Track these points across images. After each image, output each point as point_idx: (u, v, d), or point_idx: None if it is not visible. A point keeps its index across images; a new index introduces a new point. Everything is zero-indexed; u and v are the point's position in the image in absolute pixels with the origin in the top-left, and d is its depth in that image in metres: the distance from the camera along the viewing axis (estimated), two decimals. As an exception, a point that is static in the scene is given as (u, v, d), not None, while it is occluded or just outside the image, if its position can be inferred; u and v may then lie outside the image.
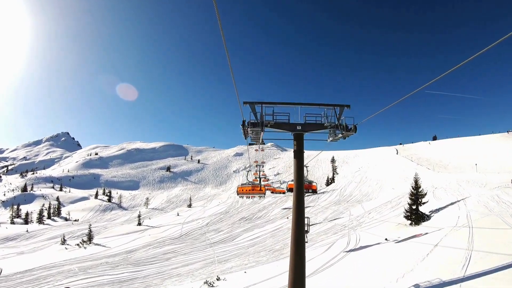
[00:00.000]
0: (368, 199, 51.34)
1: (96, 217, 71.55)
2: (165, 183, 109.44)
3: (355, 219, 34.72)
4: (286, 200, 62.48)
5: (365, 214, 35.81)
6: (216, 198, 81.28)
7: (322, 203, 53.75)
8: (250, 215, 52.11)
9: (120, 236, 46.08)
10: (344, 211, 42.08)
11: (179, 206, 75.53)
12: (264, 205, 59.19)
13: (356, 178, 65.03)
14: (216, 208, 65.31)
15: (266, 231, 38.56)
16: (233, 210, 59.46)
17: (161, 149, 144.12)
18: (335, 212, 42.13)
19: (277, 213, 50.79)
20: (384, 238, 22.48)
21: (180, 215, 60.95)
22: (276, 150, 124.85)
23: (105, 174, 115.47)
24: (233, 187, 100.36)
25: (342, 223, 34.22)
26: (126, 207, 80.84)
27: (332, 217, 39.42)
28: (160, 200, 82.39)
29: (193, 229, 46.56)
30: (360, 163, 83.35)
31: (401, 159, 68.17)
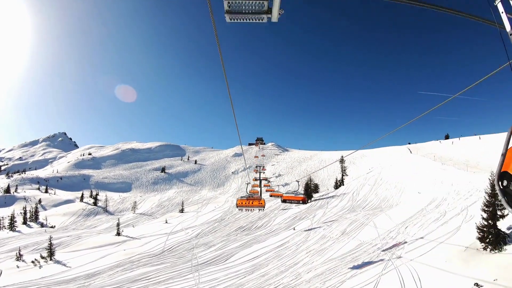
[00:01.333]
0: (388, 205, 42.32)
1: (76, 223, 62.36)
2: (159, 185, 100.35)
3: (387, 235, 25.70)
4: (289, 205, 53.39)
5: (399, 228, 26.73)
6: (213, 201, 72.15)
7: (333, 210, 44.74)
8: (249, 224, 43.00)
9: (90, 251, 36.97)
10: (365, 221, 33.01)
11: (171, 210, 66.38)
12: (265, 212, 50.12)
13: (369, 180, 55.98)
14: (211, 214, 56.16)
15: (268, 248, 29.52)
16: (229, 217, 50.33)
17: (157, 149, 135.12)
18: (354, 223, 33.06)
19: (280, 222, 41.73)
20: (470, 278, 13.49)
21: (169, 222, 51.82)
22: (277, 150, 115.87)
23: (96, 175, 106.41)
24: (232, 189, 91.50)
25: (371, 241, 25.19)
26: (113, 211, 71.64)
27: (352, 231, 30.38)
28: (151, 204, 73.22)
29: (180, 242, 37.46)
30: (369, 164, 74.38)
31: (421, 158, 59.10)
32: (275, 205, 55.11)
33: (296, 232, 34.66)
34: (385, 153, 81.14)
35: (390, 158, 70.49)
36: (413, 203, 37.29)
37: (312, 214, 43.84)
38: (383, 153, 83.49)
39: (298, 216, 43.93)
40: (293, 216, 44.31)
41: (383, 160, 71.90)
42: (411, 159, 61.06)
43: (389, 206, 41.96)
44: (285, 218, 43.81)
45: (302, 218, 42.17)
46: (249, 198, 19.10)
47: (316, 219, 39.93)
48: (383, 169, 59.26)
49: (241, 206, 18.80)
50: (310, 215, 43.20)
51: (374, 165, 71.26)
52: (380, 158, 76.91)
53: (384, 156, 76.78)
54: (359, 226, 31.70)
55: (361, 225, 31.77)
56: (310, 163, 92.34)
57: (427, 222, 26.23)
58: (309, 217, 42.34)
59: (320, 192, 62.45)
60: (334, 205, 47.90)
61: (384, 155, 78.83)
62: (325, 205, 49.28)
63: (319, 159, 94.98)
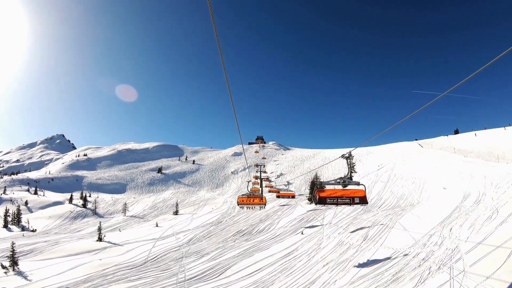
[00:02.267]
0: (409, 204, 36.19)
1: (61, 227, 56.10)
2: (155, 185, 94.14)
3: (428, 241, 19.48)
4: (294, 205, 47.25)
5: (440, 231, 20.51)
6: (210, 203, 65.93)
7: (344, 210, 38.55)
8: (249, 227, 36.74)
9: (63, 259, 30.78)
10: (388, 223, 26.85)
11: (165, 212, 60.17)
12: (267, 213, 43.93)
13: (381, 176, 49.82)
14: (207, 216, 49.93)
15: (272, 259, 23.34)
16: (227, 220, 44.07)
17: (154, 149, 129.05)
18: (376, 226, 26.92)
19: (285, 225, 35.50)
20: None
21: (160, 225, 45.59)
22: (279, 149, 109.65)
23: (90, 176, 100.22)
24: (231, 189, 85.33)
25: (407, 248, 19.00)
26: (103, 213, 65.38)
27: (376, 235, 24.20)
28: (144, 206, 66.94)
29: (168, 249, 31.23)
30: (377, 160, 68.21)
31: (438, 152, 52.98)
32: (277, 205, 48.93)
33: (305, 237, 28.48)
34: (393, 149, 74.98)
35: (401, 153, 64.37)
36: (441, 200, 31.21)
37: (320, 215, 37.68)
38: (390, 149, 77.34)
39: (305, 218, 37.73)
40: (300, 218, 38.12)
41: (392, 155, 65.79)
42: (427, 153, 54.94)
43: (410, 204, 35.84)
44: (290, 220, 37.61)
45: (310, 220, 35.99)
46: (250, 196, 18.78)
47: (327, 221, 33.75)
48: (396, 165, 53.16)
49: (242, 203, 18.52)
50: (318, 217, 37.04)
51: (383, 161, 65.14)
52: (389, 154, 70.78)
53: (393, 152, 70.65)
54: (383, 229, 25.51)
55: (386, 228, 25.58)
56: (313, 162, 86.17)
57: (477, 221, 20.06)
58: (318, 218, 36.17)
59: (326, 191, 56.24)
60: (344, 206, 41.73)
61: (392, 151, 72.70)
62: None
63: (323, 157, 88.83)
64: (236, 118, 7.04)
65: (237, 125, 7.71)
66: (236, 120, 7.39)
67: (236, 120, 7.33)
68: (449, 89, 4.83)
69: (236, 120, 7.47)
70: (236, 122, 7.63)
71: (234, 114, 6.56)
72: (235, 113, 6.55)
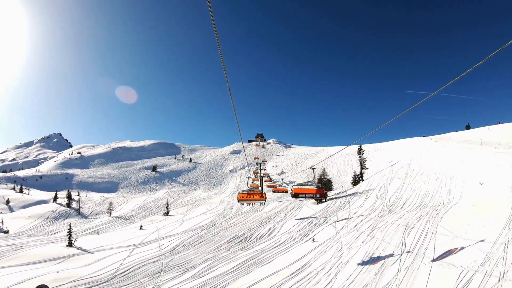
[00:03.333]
0: (437, 202, 29.64)
1: (38, 228, 49.42)
2: (148, 184, 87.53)
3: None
4: (299, 205, 40.66)
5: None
6: (206, 202, 59.30)
7: (359, 211, 32.04)
8: (247, 232, 30.11)
9: (18, 269, 24.12)
10: (427, 227, 20.32)
11: (154, 213, 53.55)
12: (267, 214, 37.36)
13: (398, 172, 43.29)
14: (200, 218, 43.30)
15: (278, 278, 16.75)
16: (222, 222, 37.41)
17: (150, 147, 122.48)
18: (409, 230, 20.39)
19: (290, 230, 28.90)
20: None
21: (145, 228, 38.99)
22: (280, 147, 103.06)
23: (81, 174, 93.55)
24: (229, 189, 78.79)
25: (482, 262, 12.56)
26: (88, 214, 58.69)
27: (417, 244, 17.65)
28: (133, 206, 60.29)
29: (146, 259, 24.65)
30: (387, 156, 61.76)
31: (461, 144, 46.54)
32: (280, 205, 42.34)
33: (318, 245, 21.92)
34: (403, 145, 68.56)
35: (414, 148, 57.88)
36: (486, 197, 24.73)
37: (332, 217, 31.14)
38: (399, 145, 70.91)
39: (313, 220, 31.14)
40: (307, 220, 31.51)
41: (405, 151, 59.35)
42: (448, 147, 48.43)
43: (439, 203, 29.28)
44: (296, 223, 30.97)
45: (320, 223, 29.40)
46: (250, 192, 17.77)
47: (342, 225, 27.20)
48: (413, 160, 46.66)
49: (242, 200, 17.44)
50: (330, 219, 30.49)
51: (394, 157, 58.75)
52: (399, 149, 64.35)
53: (404, 147, 64.21)
54: (424, 235, 18.95)
55: (426, 234, 19.03)
56: (316, 159, 79.62)
57: None
58: (329, 221, 29.60)
59: (334, 190, 49.77)
60: (358, 205, 35.20)
61: (402, 147, 66.27)
62: (346, 204, 36.56)
63: (327, 154, 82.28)
64: (235, 113, 6.66)
65: (237, 120, 7.35)
66: (235, 115, 6.87)
67: (236, 115, 6.85)
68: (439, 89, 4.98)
69: (236, 116, 6.90)
70: (236, 118, 7.12)
71: (234, 109, 6.34)
72: (234, 109, 6.34)
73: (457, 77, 4.52)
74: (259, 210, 40.28)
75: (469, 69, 4.40)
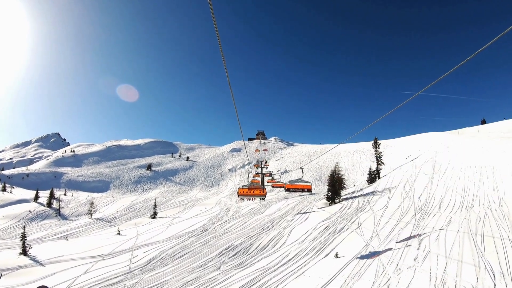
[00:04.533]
0: (488, 200, 22.64)
1: (6, 230, 42.51)
2: (142, 184, 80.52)
3: None
4: (308, 205, 33.65)
5: None
6: (200, 203, 52.28)
7: (386, 214, 25.03)
8: (245, 241, 23.09)
9: None
10: (509, 235, 13.46)
11: (141, 215, 46.57)
12: (271, 217, 30.34)
13: (423, 167, 36.18)
14: (191, 221, 36.26)
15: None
16: (216, 227, 30.32)
17: (147, 146, 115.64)
18: (490, 247, 13.47)
19: (301, 239, 21.86)
20: None
21: (122, 233, 32.01)
22: (282, 145, 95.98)
23: (71, 173, 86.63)
24: (228, 188, 71.81)
25: None
26: (68, 214, 51.70)
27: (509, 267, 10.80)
28: (119, 206, 53.30)
29: (105, 278, 17.73)
30: (401, 153, 54.82)
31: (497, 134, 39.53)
32: (285, 206, 35.32)
33: (344, 263, 14.97)
34: (417, 140, 61.42)
35: (433, 142, 50.82)
36: None
37: (352, 221, 24.16)
38: (412, 140, 63.78)
39: (329, 225, 24.10)
40: (321, 225, 24.48)
41: (421, 146, 52.36)
42: (478, 137, 41.41)
43: (486, 201, 22.31)
44: (308, 229, 23.91)
45: (338, 230, 22.38)
46: (251, 187, 16.80)
47: (369, 232, 20.24)
48: (438, 153, 39.65)
49: (243, 195, 16.55)
50: (350, 223, 23.51)
51: (409, 152, 51.87)
52: (413, 145, 57.38)
53: (418, 143, 57.15)
54: (509, 247, 12.03)
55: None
56: (322, 157, 72.59)
57: None
58: (351, 226, 22.62)
59: (346, 189, 42.70)
60: (382, 206, 28.15)
61: (416, 142, 59.20)
62: (366, 205, 29.50)
63: (332, 152, 75.25)
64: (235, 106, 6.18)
65: (236, 113, 6.76)
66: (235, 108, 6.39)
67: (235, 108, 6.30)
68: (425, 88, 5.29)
69: (235, 108, 6.30)
70: (235, 110, 6.58)
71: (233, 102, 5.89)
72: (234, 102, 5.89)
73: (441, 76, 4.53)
74: (261, 212, 33.31)
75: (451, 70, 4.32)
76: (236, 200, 50.95)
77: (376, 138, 42.50)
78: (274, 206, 36.17)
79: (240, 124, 8.37)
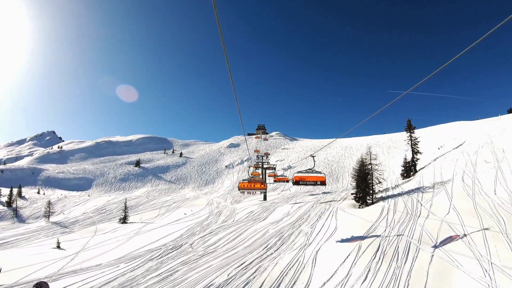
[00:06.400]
0: None
1: None
2: (128, 182, 70.13)
3: None
4: (328, 209, 23.21)
5: None
6: (188, 204, 41.90)
7: (470, 221, 14.78)
8: (236, 273, 12.83)
9: None
10: None
11: (111, 219, 36.19)
12: (277, 225, 19.93)
13: (480, 154, 25.93)
14: (166, 229, 25.81)
15: None
16: (195, 243, 19.89)
17: (138, 141, 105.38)
18: None
19: (339, 270, 11.73)
20: None
21: (62, 248, 21.67)
22: (284, 140, 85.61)
23: (51, 170, 76.18)
24: (224, 187, 61.50)
25: None
26: (27, 216, 41.34)
27: None
28: (90, 207, 42.88)
29: None
30: (428, 143, 44.57)
31: None
32: (295, 211, 24.87)
33: None
34: (445, 130, 51.15)
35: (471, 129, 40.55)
36: None
37: (414, 236, 13.87)
38: (442, 130, 53.40)
39: (382, 245, 13.76)
40: (365, 244, 14.14)
41: (455, 134, 42.14)
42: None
43: None
44: (345, 251, 13.57)
45: (404, 254, 12.09)
46: (251, 180, 16.89)
47: (465, 261, 9.96)
48: (494, 137, 29.38)
49: (243, 188, 16.82)
50: (414, 240, 13.23)
51: (440, 142, 41.80)
52: (441, 134, 47.20)
53: (448, 132, 46.95)
54: None
55: None
56: (330, 152, 62.32)
57: None
58: (420, 246, 12.33)
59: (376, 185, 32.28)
60: (444, 207, 17.75)
61: (444, 132, 48.98)
62: (419, 208, 19.07)
63: (342, 146, 64.97)
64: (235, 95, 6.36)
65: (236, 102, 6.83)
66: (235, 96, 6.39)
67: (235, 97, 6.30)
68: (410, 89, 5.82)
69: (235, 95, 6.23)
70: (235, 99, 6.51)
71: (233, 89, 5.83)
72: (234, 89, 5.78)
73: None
74: (262, 218, 22.97)
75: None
76: (231, 201, 40.62)
77: (409, 121, 32.31)
78: (280, 209, 25.80)
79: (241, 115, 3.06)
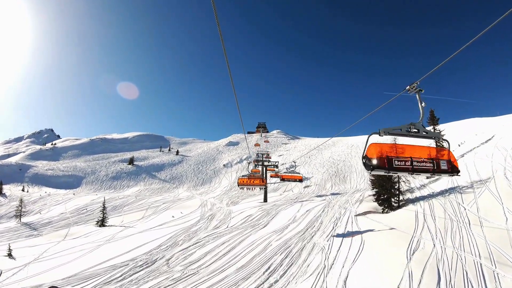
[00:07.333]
0: None
1: None
2: (120, 180, 65.47)
3: None
4: (340, 209, 18.57)
5: None
6: (178, 206, 37.29)
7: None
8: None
9: None
10: None
11: (89, 220, 31.59)
12: (281, 235, 15.33)
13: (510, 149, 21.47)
14: (145, 236, 21.24)
15: None
16: (174, 257, 15.33)
17: (135, 139, 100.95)
18: None
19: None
20: None
21: (13, 256, 17.10)
22: (285, 138, 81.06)
23: (40, 166, 71.64)
24: (221, 187, 56.90)
25: None
26: (1, 215, 36.78)
27: None
28: (70, 207, 38.29)
29: None
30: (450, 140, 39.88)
31: None
32: (303, 216, 20.21)
33: None
34: (460, 127, 46.62)
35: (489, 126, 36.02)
36: None
37: (481, 254, 9.33)
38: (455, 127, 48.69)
39: (440, 272, 9.24)
40: (416, 271, 9.60)
41: (476, 130, 37.64)
42: None
43: None
44: (382, 282, 9.10)
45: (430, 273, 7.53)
46: (251, 176, 17.07)
47: None
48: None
49: (243, 184, 17.24)
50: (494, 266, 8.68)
51: (460, 139, 37.27)
52: (459, 131, 42.73)
53: (466, 129, 42.47)
54: None
55: None
56: (335, 150, 57.80)
57: None
58: (507, 274, 7.78)
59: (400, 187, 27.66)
60: (495, 214, 13.16)
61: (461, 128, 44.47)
62: (462, 212, 14.49)
63: (347, 144, 60.47)
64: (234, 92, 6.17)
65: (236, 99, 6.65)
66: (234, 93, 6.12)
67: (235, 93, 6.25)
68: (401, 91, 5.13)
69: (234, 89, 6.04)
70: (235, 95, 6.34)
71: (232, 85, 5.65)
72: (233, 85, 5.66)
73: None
74: (262, 224, 18.37)
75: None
76: (228, 202, 36.02)
77: (432, 111, 27.67)
78: (284, 213, 21.19)
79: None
